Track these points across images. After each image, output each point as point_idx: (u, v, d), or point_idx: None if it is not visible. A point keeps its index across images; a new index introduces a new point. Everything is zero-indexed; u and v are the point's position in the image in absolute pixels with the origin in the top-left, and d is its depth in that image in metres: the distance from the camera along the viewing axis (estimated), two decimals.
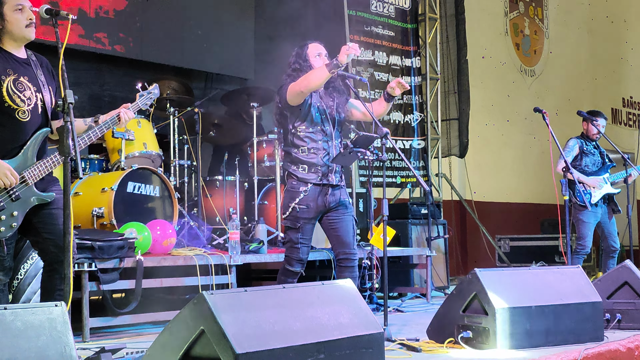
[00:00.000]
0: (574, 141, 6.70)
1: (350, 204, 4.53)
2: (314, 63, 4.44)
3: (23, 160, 3.43)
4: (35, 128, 3.49)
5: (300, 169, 4.36)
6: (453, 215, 10.08)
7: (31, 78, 3.51)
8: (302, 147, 4.37)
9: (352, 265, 4.44)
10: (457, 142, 9.60)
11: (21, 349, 2.53)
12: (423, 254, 7.02)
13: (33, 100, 3.48)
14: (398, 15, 9.09)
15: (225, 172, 6.58)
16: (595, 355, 3.82)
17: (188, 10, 7.61)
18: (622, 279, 4.69)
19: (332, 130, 4.45)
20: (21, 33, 3.47)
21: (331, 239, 4.49)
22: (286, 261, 4.41)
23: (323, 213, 4.42)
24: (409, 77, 9.16)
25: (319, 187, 4.37)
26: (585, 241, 6.50)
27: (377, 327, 3.27)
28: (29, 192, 3.43)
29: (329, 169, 4.39)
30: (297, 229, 4.35)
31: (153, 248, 5.07)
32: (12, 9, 3.43)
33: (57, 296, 3.42)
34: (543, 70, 12.52)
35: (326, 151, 4.40)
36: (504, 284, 3.99)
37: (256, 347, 2.75)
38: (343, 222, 4.44)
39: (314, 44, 4.53)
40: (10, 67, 3.45)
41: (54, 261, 3.47)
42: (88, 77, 7.04)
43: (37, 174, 3.45)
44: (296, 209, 4.33)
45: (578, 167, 6.62)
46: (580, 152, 6.65)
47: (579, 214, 6.54)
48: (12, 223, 3.39)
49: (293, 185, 4.37)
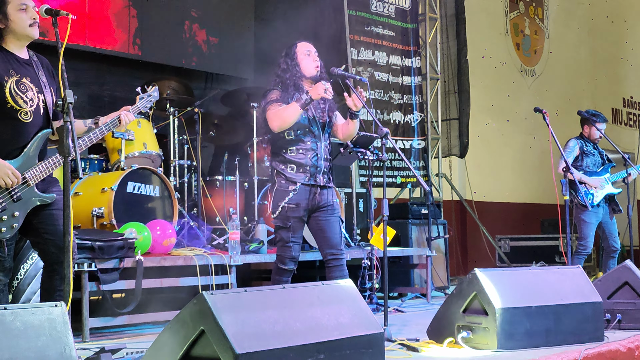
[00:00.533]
0: (574, 142, 6.70)
1: (337, 205, 4.54)
2: (301, 61, 4.44)
3: (25, 161, 3.44)
4: (37, 129, 3.49)
5: (289, 168, 4.38)
6: (453, 215, 10.08)
7: (33, 79, 3.52)
8: (291, 148, 4.39)
9: (340, 264, 4.46)
10: (457, 142, 9.60)
11: (21, 349, 2.53)
12: (423, 254, 7.02)
13: (35, 102, 3.49)
14: (398, 15, 9.08)
15: (225, 172, 6.57)
16: (596, 355, 3.82)
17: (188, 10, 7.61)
18: (623, 279, 4.69)
19: (320, 132, 4.46)
20: (25, 32, 3.47)
21: (318, 239, 4.50)
22: (279, 260, 4.43)
23: (310, 212, 4.43)
24: (409, 77, 9.16)
25: (307, 187, 4.38)
26: (587, 242, 6.51)
27: (377, 327, 3.27)
28: (30, 192, 3.44)
29: (317, 170, 4.40)
30: (288, 228, 4.37)
31: (153, 248, 5.07)
32: (16, 8, 3.44)
33: (57, 296, 3.42)
34: (543, 70, 12.52)
35: (315, 152, 4.41)
36: (504, 284, 3.99)
37: (256, 347, 2.75)
38: (330, 223, 4.45)
39: (302, 43, 4.53)
40: (12, 68, 3.46)
41: (54, 262, 3.46)
42: (88, 77, 7.03)
43: (38, 174, 3.46)
44: (285, 208, 4.35)
45: (579, 167, 6.63)
46: (581, 153, 6.65)
47: (581, 214, 6.54)
48: (13, 224, 3.39)
49: (282, 185, 4.38)
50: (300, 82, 4.42)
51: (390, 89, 8.97)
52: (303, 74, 4.44)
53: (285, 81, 4.44)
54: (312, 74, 4.44)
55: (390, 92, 8.97)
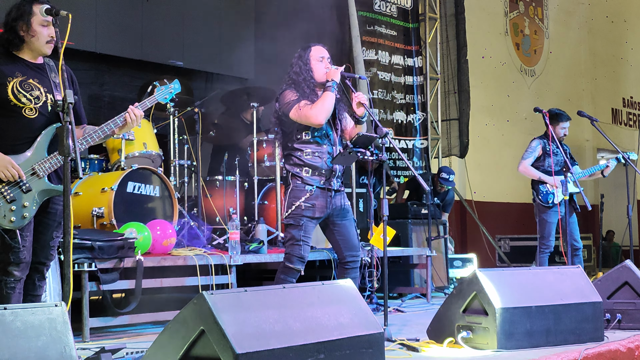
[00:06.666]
0: (537, 142, 6.75)
1: (350, 207, 4.54)
2: (314, 67, 4.42)
3: (33, 154, 3.51)
4: (44, 125, 3.56)
5: (304, 171, 4.35)
6: (453, 215, 10.08)
7: (42, 80, 3.60)
8: (306, 150, 4.37)
9: (357, 267, 4.50)
10: (458, 142, 9.61)
11: (21, 349, 2.53)
12: (423, 254, 7.02)
13: (42, 99, 3.56)
14: (400, 14, 9.09)
15: (225, 172, 6.57)
16: (596, 355, 3.82)
17: (188, 10, 7.61)
18: (623, 279, 4.69)
19: (335, 136, 4.45)
20: (40, 47, 3.57)
21: (338, 243, 4.47)
22: (286, 259, 4.39)
23: (325, 217, 4.42)
24: (410, 77, 9.17)
25: (323, 191, 4.37)
26: (549, 240, 6.62)
27: (377, 327, 3.27)
28: (40, 184, 3.51)
29: (332, 174, 4.38)
30: (300, 227, 4.34)
31: (153, 248, 5.07)
32: (40, 23, 3.53)
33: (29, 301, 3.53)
34: (543, 70, 12.53)
35: (330, 155, 4.40)
36: (504, 284, 3.99)
37: (256, 347, 2.75)
38: (348, 227, 4.47)
39: (317, 47, 4.48)
40: (19, 71, 3.55)
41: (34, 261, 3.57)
42: (88, 77, 7.04)
43: (47, 167, 3.53)
44: (301, 207, 4.31)
45: (541, 167, 6.68)
46: (543, 153, 6.69)
47: (542, 213, 6.64)
48: (24, 213, 3.45)
49: (298, 185, 4.36)
50: (312, 86, 4.41)
51: (393, 88, 8.98)
52: (314, 79, 4.42)
53: (299, 83, 4.40)
54: (322, 81, 4.41)
55: (392, 91, 8.98)
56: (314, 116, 4.27)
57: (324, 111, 4.28)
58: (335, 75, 4.35)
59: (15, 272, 3.49)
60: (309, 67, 4.41)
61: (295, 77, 4.43)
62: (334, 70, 4.37)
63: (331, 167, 4.37)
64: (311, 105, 4.29)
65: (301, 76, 4.40)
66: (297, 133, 4.36)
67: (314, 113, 4.27)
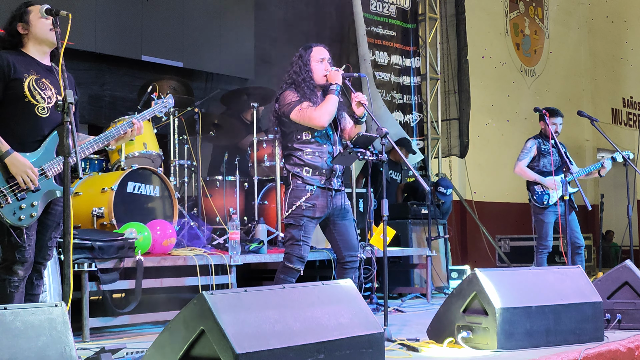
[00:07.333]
0: (532, 142, 6.73)
1: (350, 207, 4.54)
2: (314, 68, 4.41)
3: (43, 154, 3.56)
4: (54, 125, 3.61)
5: (305, 171, 4.35)
6: (453, 215, 10.08)
7: (52, 81, 3.65)
8: (307, 150, 4.37)
9: (356, 266, 4.52)
10: (458, 142, 9.61)
11: (21, 349, 2.53)
12: (423, 254, 7.02)
13: (53, 100, 3.61)
14: (399, 15, 9.10)
15: (225, 172, 6.57)
16: (596, 355, 3.82)
17: (188, 10, 7.61)
18: (623, 279, 4.69)
19: (335, 136, 4.46)
20: (45, 36, 3.60)
21: (337, 242, 4.48)
22: (286, 259, 4.39)
23: (325, 217, 4.42)
24: (408, 77, 9.17)
25: (323, 191, 4.37)
26: (547, 241, 6.60)
27: (377, 327, 3.27)
28: (48, 184, 3.56)
29: (333, 173, 4.39)
30: (300, 227, 4.34)
31: (153, 248, 5.07)
32: (38, 16, 3.60)
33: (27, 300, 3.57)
34: (543, 70, 12.52)
35: (331, 154, 4.40)
36: (504, 284, 3.99)
37: (256, 347, 2.75)
38: (348, 227, 4.48)
39: (318, 48, 4.48)
40: (33, 69, 3.60)
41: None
42: (88, 77, 7.03)
43: (56, 168, 3.58)
44: (302, 207, 4.32)
45: (536, 167, 6.66)
46: (538, 154, 6.68)
47: (539, 214, 6.62)
48: (32, 212, 3.50)
49: (298, 185, 4.36)
50: (312, 87, 4.41)
51: (392, 88, 8.98)
52: (313, 80, 4.42)
53: (298, 83, 4.40)
54: (321, 82, 4.41)
55: (391, 92, 8.99)
56: (317, 118, 4.28)
57: (328, 114, 4.29)
58: (337, 78, 4.35)
59: (19, 271, 3.51)
60: (309, 67, 4.41)
61: (295, 76, 4.42)
62: (335, 73, 4.37)
63: (331, 166, 4.37)
64: (314, 108, 4.29)
65: (300, 76, 4.39)
66: (297, 133, 4.36)
67: (317, 115, 4.28)
